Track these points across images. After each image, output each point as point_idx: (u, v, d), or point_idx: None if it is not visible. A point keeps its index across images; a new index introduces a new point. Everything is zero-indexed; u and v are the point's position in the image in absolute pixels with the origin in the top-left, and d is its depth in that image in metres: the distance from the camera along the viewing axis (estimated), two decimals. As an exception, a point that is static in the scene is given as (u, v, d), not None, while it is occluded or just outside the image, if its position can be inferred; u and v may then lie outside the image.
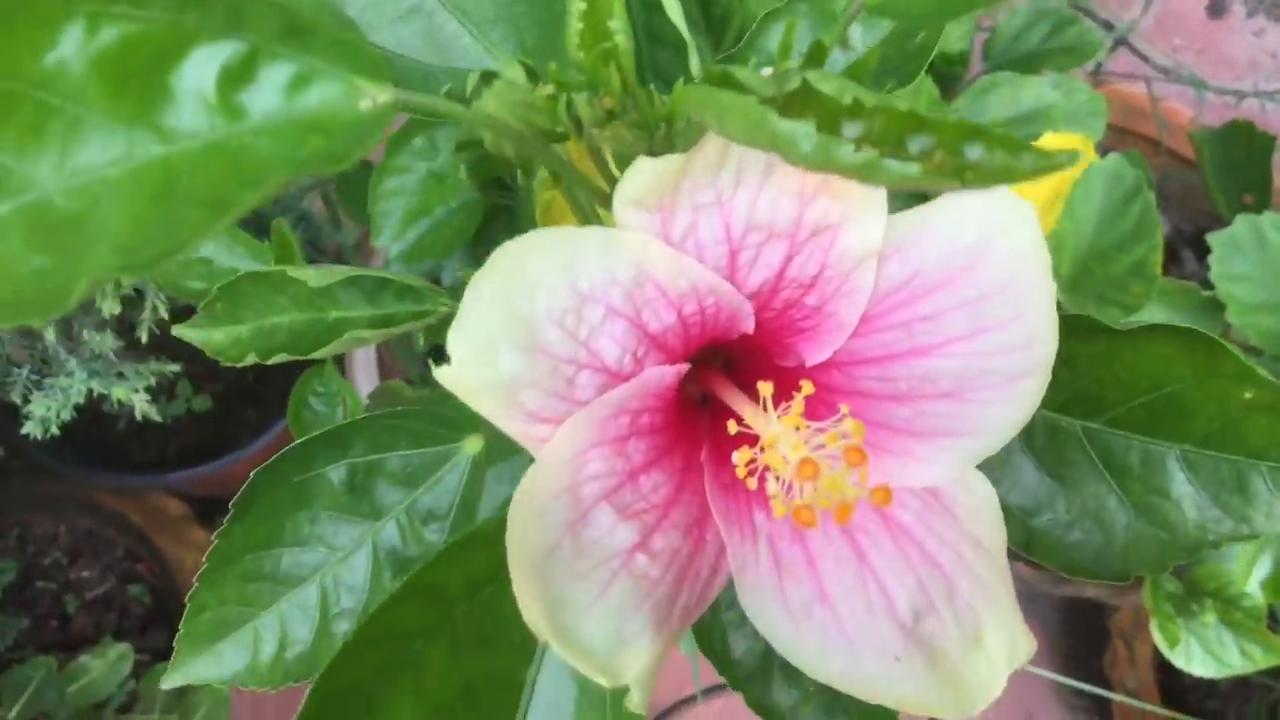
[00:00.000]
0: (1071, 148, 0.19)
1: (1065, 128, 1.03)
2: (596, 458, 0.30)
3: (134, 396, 0.90)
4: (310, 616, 0.44)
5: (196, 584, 0.44)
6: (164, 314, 0.89)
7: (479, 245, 0.74)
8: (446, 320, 0.50)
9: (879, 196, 0.30)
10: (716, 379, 0.34)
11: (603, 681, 0.28)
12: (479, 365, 0.27)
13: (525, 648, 0.33)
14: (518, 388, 0.28)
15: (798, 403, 0.31)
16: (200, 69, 0.23)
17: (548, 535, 0.28)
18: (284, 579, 0.44)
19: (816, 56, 0.27)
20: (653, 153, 0.29)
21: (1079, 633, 1.26)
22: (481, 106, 0.28)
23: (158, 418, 0.93)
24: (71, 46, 0.22)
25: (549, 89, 0.28)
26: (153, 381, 0.92)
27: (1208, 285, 0.93)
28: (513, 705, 0.32)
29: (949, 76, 1.14)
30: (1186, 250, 1.22)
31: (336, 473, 0.44)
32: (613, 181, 0.34)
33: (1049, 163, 0.19)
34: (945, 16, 0.30)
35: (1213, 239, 0.93)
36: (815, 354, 0.33)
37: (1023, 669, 0.32)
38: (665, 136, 0.29)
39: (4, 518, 1.14)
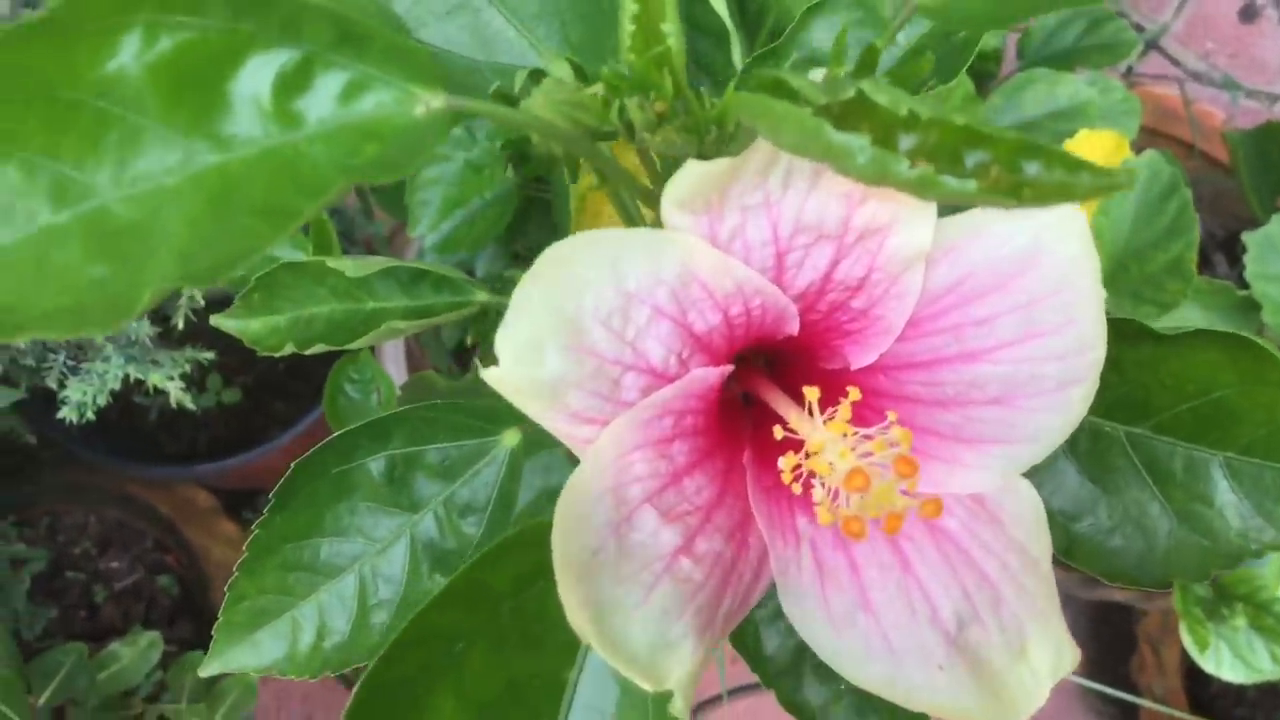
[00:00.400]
0: (1123, 159, 0.18)
1: (1100, 125, 1.02)
2: (640, 459, 0.30)
3: (169, 384, 0.91)
4: (348, 607, 0.44)
5: (236, 573, 0.44)
6: (200, 301, 0.90)
7: (513, 237, 0.74)
8: (481, 312, 0.50)
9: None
10: (760, 381, 0.34)
11: (645, 685, 0.28)
12: (526, 366, 0.27)
13: (568, 648, 0.33)
14: (563, 388, 0.28)
15: (844, 409, 0.31)
16: (256, 76, 0.23)
17: (592, 536, 0.29)
18: (323, 569, 0.44)
19: (869, 62, 0.27)
20: (702, 155, 0.29)
21: (1106, 637, 1.25)
22: (530, 106, 0.28)
23: (191, 406, 0.93)
24: (129, 55, 0.22)
25: (599, 89, 0.28)
26: (187, 369, 0.93)
27: (1241, 288, 0.93)
28: (554, 705, 0.33)
29: (983, 73, 1.13)
30: (1218, 254, 1.21)
31: (376, 464, 0.44)
32: (657, 179, 0.34)
33: (1108, 181, 0.19)
34: (999, 23, 0.30)
35: (1248, 238, 0.92)
36: (861, 357, 0.33)
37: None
38: (715, 139, 0.29)
39: (35, 507, 1.15)
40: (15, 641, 0.95)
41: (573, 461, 0.29)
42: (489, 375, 0.27)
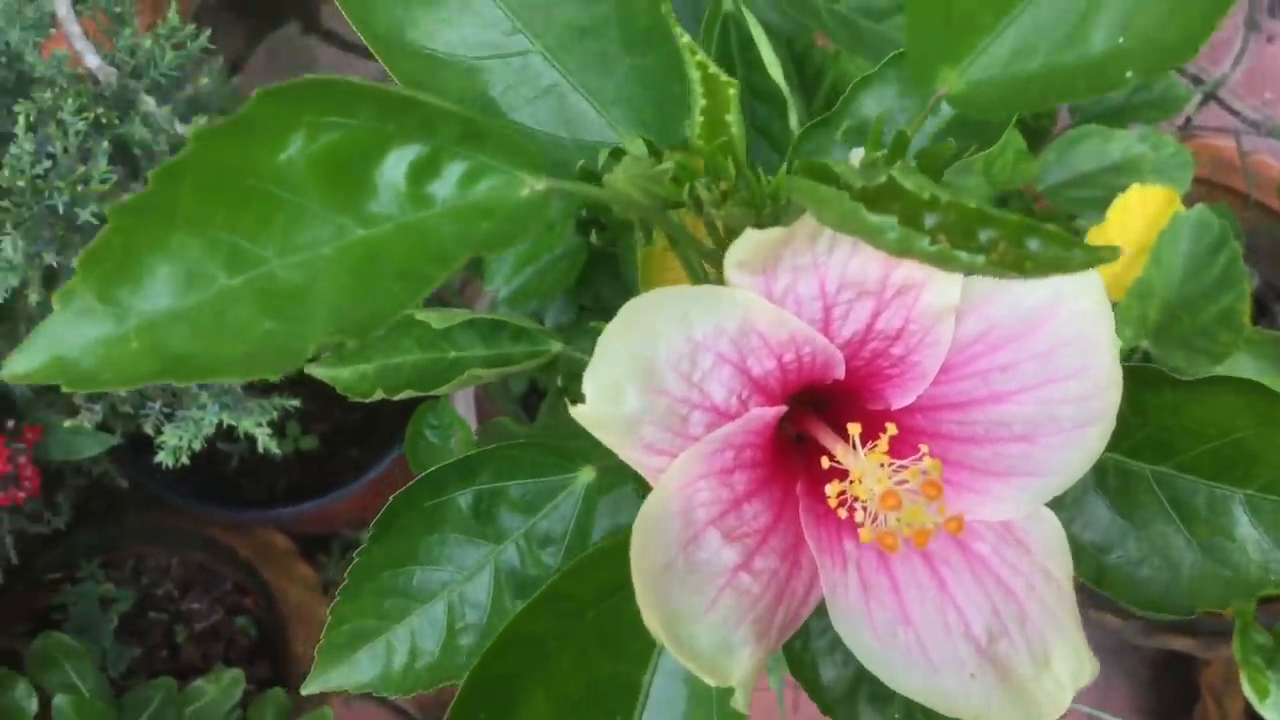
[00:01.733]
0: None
1: (1152, 180, 1.04)
2: (705, 487, 0.34)
3: (258, 430, 0.97)
4: (438, 630, 0.48)
5: (338, 597, 0.49)
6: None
7: (581, 290, 0.79)
8: (556, 360, 0.54)
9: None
10: (811, 419, 0.38)
11: (711, 682, 0.32)
12: (608, 403, 0.32)
13: (643, 653, 0.37)
14: (639, 423, 0.33)
15: (883, 442, 0.35)
16: (396, 165, 0.28)
17: (664, 553, 0.33)
18: (416, 595, 0.49)
19: (901, 146, 0.31)
20: (760, 224, 0.34)
21: (1168, 688, 1.24)
22: (612, 182, 0.33)
23: (278, 451, 0.99)
24: (296, 149, 0.27)
25: (670, 169, 0.33)
26: (275, 416, 0.98)
27: (1298, 338, 0.94)
28: (631, 703, 0.37)
29: (1037, 130, 1.16)
30: (1277, 304, 1.22)
31: (464, 499, 0.49)
32: (720, 242, 0.39)
33: (1096, 257, 0.23)
34: (1015, 110, 0.34)
35: (1299, 291, 0.94)
36: (900, 398, 0.37)
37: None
38: (770, 211, 0.34)
39: (121, 550, 1.19)
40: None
41: (640, 499, 0.34)
42: (576, 412, 0.32)
